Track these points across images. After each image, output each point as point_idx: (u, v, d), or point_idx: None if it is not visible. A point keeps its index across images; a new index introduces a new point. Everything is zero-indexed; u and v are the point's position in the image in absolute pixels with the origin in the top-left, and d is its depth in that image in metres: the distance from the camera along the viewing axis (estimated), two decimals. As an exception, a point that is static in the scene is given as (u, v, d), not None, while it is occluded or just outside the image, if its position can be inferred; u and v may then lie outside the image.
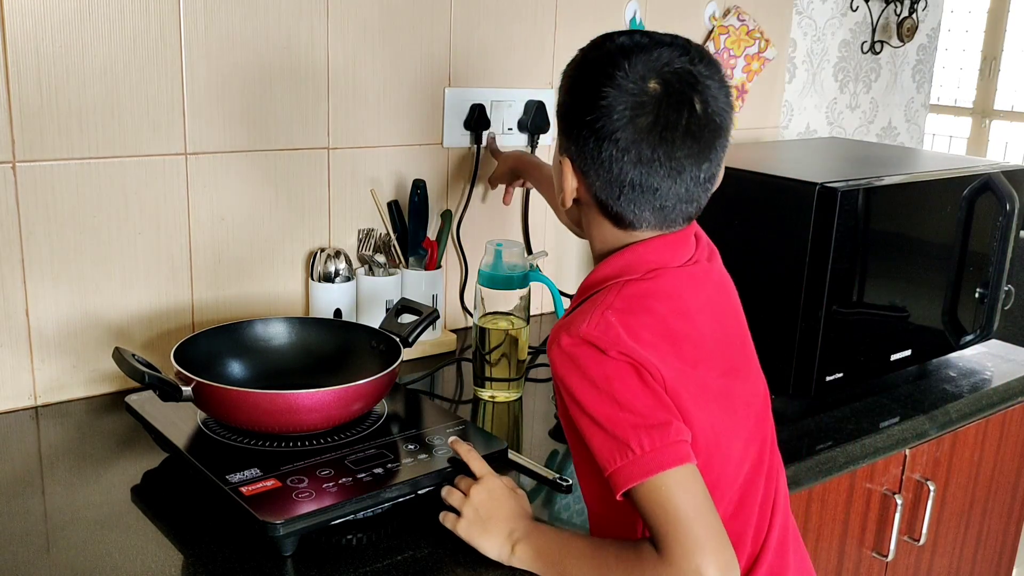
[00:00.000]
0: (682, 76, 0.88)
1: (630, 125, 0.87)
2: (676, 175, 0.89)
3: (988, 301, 1.56)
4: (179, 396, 1.05)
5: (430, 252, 1.51)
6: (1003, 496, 1.69)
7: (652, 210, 0.91)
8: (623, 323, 0.87)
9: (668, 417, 0.85)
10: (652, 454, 0.83)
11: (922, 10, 2.38)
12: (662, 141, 0.88)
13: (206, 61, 1.30)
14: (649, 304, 0.89)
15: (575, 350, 0.88)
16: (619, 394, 0.85)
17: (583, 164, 0.92)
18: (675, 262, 0.94)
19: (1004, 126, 5.26)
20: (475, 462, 1.03)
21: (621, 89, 0.88)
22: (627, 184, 0.89)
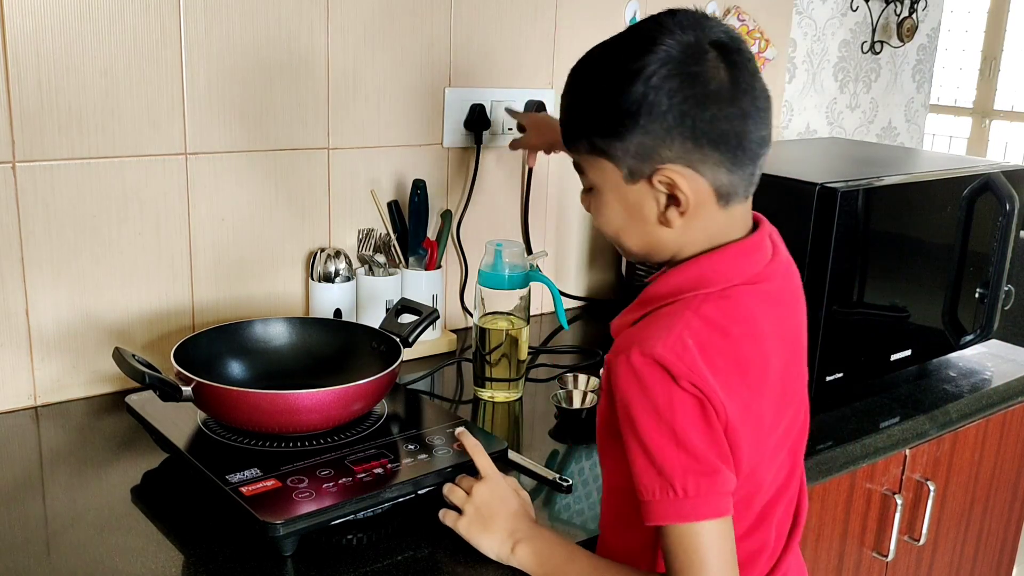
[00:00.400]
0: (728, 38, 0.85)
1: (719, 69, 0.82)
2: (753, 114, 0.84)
3: (988, 301, 1.56)
4: (179, 396, 1.05)
5: (430, 252, 1.51)
6: (1003, 496, 1.69)
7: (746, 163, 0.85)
8: (700, 348, 0.82)
9: (719, 464, 0.82)
10: (694, 500, 0.81)
11: (922, 10, 2.38)
12: (742, 72, 0.83)
13: (206, 61, 1.30)
14: (726, 327, 0.85)
15: (645, 370, 0.82)
16: (679, 429, 0.81)
17: (692, 153, 0.83)
18: (751, 270, 0.88)
19: (1004, 126, 5.26)
20: (480, 458, 1.03)
21: (678, 48, 0.82)
22: (731, 135, 0.83)
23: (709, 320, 0.84)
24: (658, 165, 0.84)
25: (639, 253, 0.92)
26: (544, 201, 1.75)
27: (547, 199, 1.75)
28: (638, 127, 0.82)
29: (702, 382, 0.81)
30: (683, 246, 0.89)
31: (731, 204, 0.87)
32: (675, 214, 0.86)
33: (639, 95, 0.81)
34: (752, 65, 0.85)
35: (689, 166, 0.84)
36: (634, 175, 0.86)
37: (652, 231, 0.88)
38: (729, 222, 0.89)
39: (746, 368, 0.86)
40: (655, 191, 0.86)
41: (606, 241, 1.89)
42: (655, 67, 0.81)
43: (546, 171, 1.73)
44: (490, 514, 0.98)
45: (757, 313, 0.88)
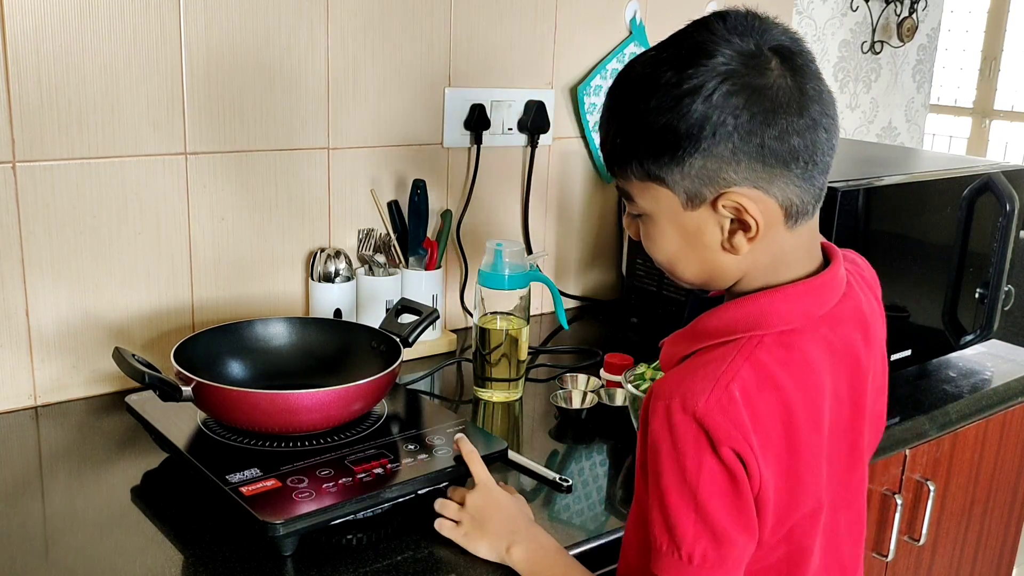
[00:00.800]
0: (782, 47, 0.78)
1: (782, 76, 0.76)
2: (822, 121, 0.77)
3: (988, 301, 1.56)
4: (179, 396, 1.05)
5: (430, 252, 1.51)
6: (1003, 496, 1.68)
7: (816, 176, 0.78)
8: (746, 400, 0.75)
9: (737, 536, 0.77)
10: (699, 570, 0.77)
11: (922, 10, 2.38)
12: (805, 77, 0.76)
13: (206, 61, 1.30)
14: (780, 380, 0.77)
15: (682, 428, 0.76)
16: (702, 497, 0.76)
17: (760, 173, 0.76)
18: (816, 312, 0.81)
19: (1004, 126, 5.26)
20: (475, 465, 1.03)
21: (738, 60, 0.75)
22: (801, 150, 0.76)
23: (762, 369, 0.77)
24: (723, 189, 0.76)
25: (696, 281, 0.84)
26: (544, 201, 1.75)
27: (547, 199, 1.75)
28: (699, 151, 0.75)
29: (742, 446, 0.75)
30: (747, 271, 0.81)
31: (799, 222, 0.80)
32: (742, 240, 0.78)
33: (700, 116, 0.74)
34: (815, 67, 0.79)
35: (757, 187, 0.76)
36: (694, 201, 0.78)
37: (713, 258, 0.81)
38: (795, 243, 0.81)
39: (794, 429, 0.78)
40: (718, 216, 0.78)
41: (606, 241, 1.90)
42: (715, 83, 0.74)
43: (546, 171, 1.74)
44: (485, 519, 0.98)
45: (818, 366, 0.80)
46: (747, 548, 0.79)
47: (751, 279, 0.82)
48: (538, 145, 1.68)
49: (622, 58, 1.77)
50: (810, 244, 0.84)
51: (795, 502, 0.80)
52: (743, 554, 0.79)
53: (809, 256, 0.84)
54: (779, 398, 0.77)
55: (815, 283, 0.81)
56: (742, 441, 0.75)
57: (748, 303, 0.80)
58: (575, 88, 1.73)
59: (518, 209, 1.72)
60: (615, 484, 1.18)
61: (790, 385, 0.78)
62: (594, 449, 1.25)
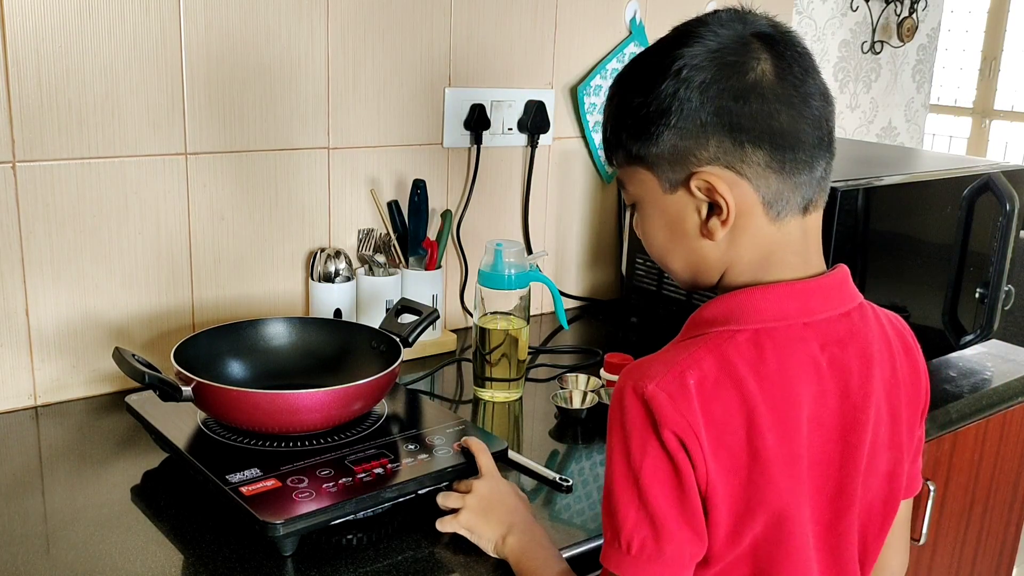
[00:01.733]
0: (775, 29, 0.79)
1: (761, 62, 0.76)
2: (805, 112, 0.76)
3: (988, 301, 1.56)
4: (179, 396, 1.05)
5: (430, 252, 1.51)
6: (1003, 496, 1.68)
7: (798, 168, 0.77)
8: (700, 392, 0.74)
9: (677, 529, 0.75)
10: (636, 560, 0.76)
11: (922, 10, 2.38)
12: (793, 67, 0.76)
13: (206, 61, 1.30)
14: (742, 379, 0.75)
15: (631, 407, 0.75)
16: (644, 482, 0.75)
17: (732, 153, 0.76)
18: (799, 317, 0.78)
19: (1004, 126, 5.26)
20: (483, 456, 1.04)
21: (716, 41, 0.76)
22: (777, 134, 0.75)
23: (725, 365, 0.75)
24: (694, 168, 0.77)
25: (685, 276, 0.84)
26: (544, 201, 1.75)
27: (547, 199, 1.75)
28: (670, 127, 0.76)
29: (687, 433, 0.73)
30: (730, 264, 0.80)
31: (784, 217, 0.78)
32: (717, 224, 0.78)
33: (670, 91, 0.75)
34: (806, 61, 0.78)
35: (730, 168, 0.76)
36: (672, 182, 0.78)
37: (695, 247, 0.80)
38: (783, 240, 0.79)
39: (756, 432, 0.75)
40: (695, 200, 0.78)
41: (606, 241, 1.90)
42: (686, 60, 0.75)
43: (546, 171, 1.74)
44: (488, 508, 0.98)
45: (794, 375, 0.76)
46: (690, 546, 0.76)
47: (736, 274, 0.80)
48: (538, 145, 1.68)
49: (622, 58, 1.77)
50: (804, 247, 0.81)
51: (753, 509, 0.77)
52: (684, 551, 0.76)
53: (804, 262, 0.81)
54: (740, 397, 0.75)
55: (800, 285, 0.79)
56: (687, 429, 0.73)
57: (729, 298, 0.79)
58: (575, 88, 1.73)
59: (518, 209, 1.72)
60: (615, 484, 1.18)
61: (754, 387, 0.75)
62: (594, 449, 1.25)
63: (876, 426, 0.82)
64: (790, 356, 0.77)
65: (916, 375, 0.88)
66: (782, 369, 0.76)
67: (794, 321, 0.78)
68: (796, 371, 0.77)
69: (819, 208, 0.81)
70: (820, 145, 0.78)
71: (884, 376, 0.83)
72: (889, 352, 0.85)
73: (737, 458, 0.75)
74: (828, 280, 0.81)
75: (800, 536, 0.79)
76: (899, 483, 0.87)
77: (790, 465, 0.77)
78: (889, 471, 0.85)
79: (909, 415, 0.87)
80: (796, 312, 0.78)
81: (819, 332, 0.79)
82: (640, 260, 1.70)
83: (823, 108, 0.78)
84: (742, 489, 0.76)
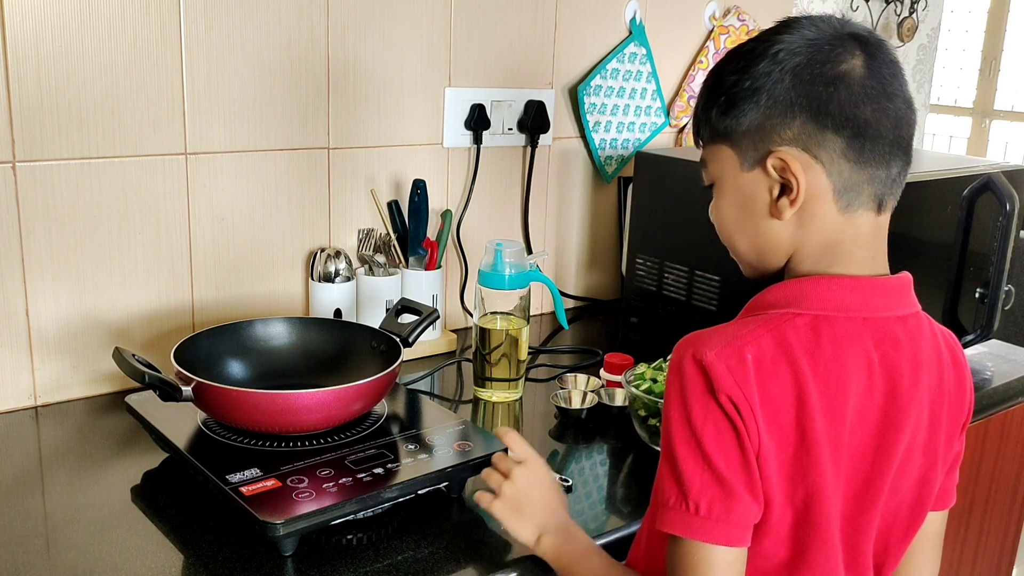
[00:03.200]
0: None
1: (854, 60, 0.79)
2: (889, 110, 0.79)
3: (988, 301, 1.56)
4: (179, 396, 1.05)
5: (430, 252, 1.51)
6: (1003, 496, 1.68)
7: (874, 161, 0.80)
8: (759, 368, 0.76)
9: (743, 492, 0.77)
10: (704, 521, 0.77)
11: (922, 10, 2.38)
12: (883, 69, 0.80)
13: (206, 61, 1.30)
14: (798, 360, 0.77)
15: (690, 374, 0.78)
16: (707, 446, 0.76)
17: (812, 135, 0.78)
18: (860, 311, 0.80)
19: (1004, 126, 5.26)
20: (518, 444, 1.01)
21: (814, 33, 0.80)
22: (858, 123, 0.78)
23: (783, 345, 0.77)
24: (773, 148, 0.80)
25: (751, 257, 0.87)
26: (544, 201, 1.75)
27: (547, 199, 1.75)
28: (759, 106, 0.80)
29: (743, 403, 0.75)
30: (796, 248, 0.83)
31: (853, 209, 0.81)
32: (786, 203, 0.80)
33: (764, 71, 0.79)
34: (895, 67, 0.81)
35: (807, 151, 0.79)
36: (751, 162, 0.82)
37: (763, 227, 0.83)
38: (852, 233, 0.82)
39: (807, 414, 0.77)
40: (769, 180, 0.81)
41: (606, 241, 1.90)
42: (784, 46, 0.79)
43: (546, 171, 1.74)
44: (527, 500, 0.97)
45: (847, 366, 0.79)
46: (751, 509, 0.78)
47: (800, 259, 0.83)
48: (538, 145, 1.68)
49: (622, 58, 1.77)
50: (872, 245, 0.84)
51: (796, 487, 0.79)
52: (748, 514, 0.78)
53: (871, 259, 0.84)
54: (794, 377, 0.77)
55: (864, 281, 0.82)
56: (743, 399, 0.75)
57: (793, 284, 0.82)
58: (575, 88, 1.73)
59: (518, 209, 1.72)
60: (615, 484, 1.18)
61: (808, 369, 0.77)
62: (594, 449, 1.25)
63: (915, 431, 0.84)
64: (845, 347, 0.79)
65: (962, 389, 0.89)
66: (836, 357, 0.78)
67: (854, 315, 0.80)
68: (849, 362, 0.79)
69: (890, 209, 0.85)
70: (898, 144, 0.81)
71: (931, 384, 0.85)
72: (939, 363, 0.86)
73: (786, 435, 0.77)
74: (892, 282, 0.84)
75: (831, 522, 0.81)
76: (930, 491, 0.88)
77: (832, 450, 0.79)
78: (921, 477, 0.87)
79: (949, 426, 0.88)
80: (857, 306, 0.81)
81: (876, 329, 0.81)
82: (640, 260, 1.70)
83: (905, 112, 0.81)
84: (788, 466, 0.78)
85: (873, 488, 0.83)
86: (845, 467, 0.81)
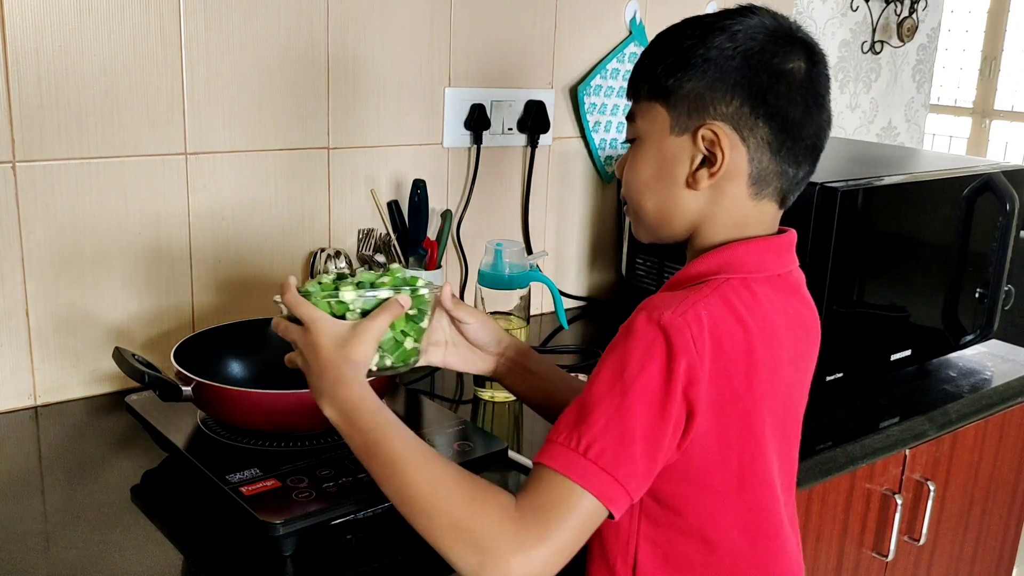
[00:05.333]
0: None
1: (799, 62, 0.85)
2: (816, 117, 0.86)
3: (988, 301, 1.56)
4: (179, 396, 1.05)
5: (430, 252, 1.51)
6: (1003, 496, 1.69)
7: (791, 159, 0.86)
8: (712, 325, 0.79)
9: (639, 451, 0.76)
10: (588, 464, 0.76)
11: (922, 10, 2.38)
12: (820, 79, 0.86)
13: (206, 61, 1.30)
14: (744, 317, 0.82)
15: (642, 332, 0.78)
16: (631, 397, 0.76)
17: (746, 119, 0.83)
18: (774, 270, 0.87)
19: (1004, 126, 5.26)
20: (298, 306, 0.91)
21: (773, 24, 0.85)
22: (787, 120, 0.84)
23: (728, 303, 0.81)
24: (708, 120, 0.83)
25: (652, 220, 0.90)
26: (544, 201, 1.75)
27: (547, 199, 1.75)
28: (706, 75, 0.83)
29: (698, 357, 0.77)
30: (702, 221, 0.87)
31: (761, 197, 0.86)
32: (704, 174, 0.84)
33: (718, 46, 0.83)
34: (829, 83, 0.87)
35: (737, 131, 0.83)
36: (682, 126, 0.85)
37: (675, 193, 0.87)
38: (758, 218, 0.88)
39: (754, 365, 0.81)
40: (695, 148, 0.85)
41: (606, 241, 1.90)
42: (744, 29, 0.83)
43: (546, 171, 1.74)
44: (304, 364, 0.91)
45: (776, 320, 0.84)
46: (638, 478, 0.77)
47: (713, 232, 0.87)
48: (538, 145, 1.68)
49: (622, 58, 1.77)
50: (771, 226, 0.90)
51: (747, 440, 0.83)
52: (632, 477, 0.76)
53: (769, 231, 0.90)
54: (743, 332, 0.81)
55: (773, 240, 0.88)
56: (696, 358, 0.77)
57: (717, 254, 0.86)
58: (575, 88, 1.73)
59: (518, 209, 1.72)
60: (615, 484, 1.18)
61: (752, 324, 0.82)
62: (594, 449, 1.25)
63: (807, 373, 0.92)
64: (773, 302, 0.85)
65: (818, 329, 0.95)
66: (769, 312, 0.84)
67: (771, 272, 0.87)
68: (778, 316, 0.85)
69: (786, 206, 0.91)
70: (812, 151, 0.87)
71: (816, 331, 0.93)
72: (813, 307, 0.94)
73: (736, 390, 0.81)
74: (789, 239, 0.90)
75: (771, 469, 0.87)
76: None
77: (771, 400, 0.84)
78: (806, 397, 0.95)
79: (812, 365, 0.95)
80: (771, 264, 0.87)
81: (787, 284, 0.89)
82: (640, 260, 1.70)
83: (826, 125, 0.87)
84: (736, 419, 0.82)
85: (792, 431, 0.91)
86: (778, 415, 0.86)
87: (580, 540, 0.77)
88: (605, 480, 0.76)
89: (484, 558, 0.76)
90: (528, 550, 0.75)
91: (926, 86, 2.54)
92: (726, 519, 0.87)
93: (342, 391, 0.87)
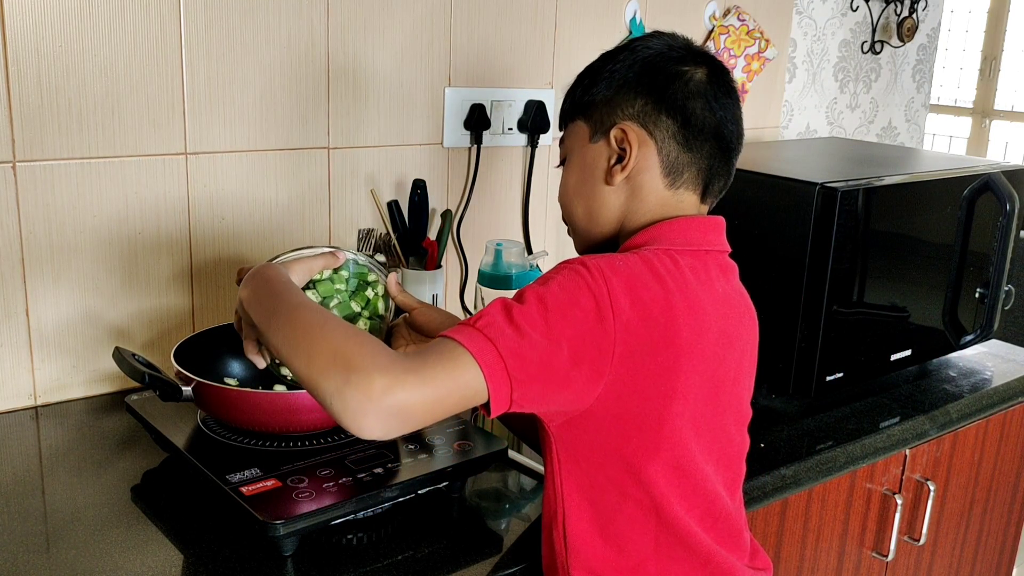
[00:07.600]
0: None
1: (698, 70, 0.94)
2: (723, 108, 0.93)
3: (988, 301, 1.56)
4: (179, 396, 1.05)
5: (430, 252, 1.51)
6: (1003, 496, 1.69)
7: (699, 149, 0.93)
8: (630, 279, 0.83)
9: (532, 351, 0.78)
10: (478, 333, 0.78)
11: (922, 10, 2.38)
12: (720, 85, 0.94)
13: (206, 60, 1.30)
14: (663, 276, 0.85)
15: (568, 266, 0.83)
16: (550, 314, 0.79)
17: (650, 115, 0.92)
18: (698, 243, 0.91)
19: (1004, 126, 5.26)
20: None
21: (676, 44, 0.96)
22: (688, 114, 0.92)
23: (648, 263, 0.86)
24: (617, 120, 0.93)
25: (583, 223, 0.98)
26: (544, 201, 1.75)
27: (547, 199, 1.75)
28: (612, 84, 0.93)
29: (614, 289, 0.81)
30: (626, 216, 0.94)
31: (678, 186, 0.93)
32: (619, 170, 0.92)
33: (621, 60, 0.94)
34: (733, 93, 0.95)
35: (644, 127, 0.92)
36: (598, 133, 0.94)
37: (597, 192, 0.95)
38: (678, 207, 0.94)
39: (673, 317, 0.84)
40: (610, 149, 0.93)
41: (606, 241, 1.89)
42: (643, 44, 0.95)
43: (546, 171, 1.74)
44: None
45: (699, 292, 0.88)
46: (529, 361, 0.78)
47: (632, 226, 0.93)
48: (538, 145, 1.68)
49: (622, 58, 1.77)
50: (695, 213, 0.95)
51: (663, 386, 0.85)
52: (518, 356, 0.78)
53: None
54: (662, 289, 0.84)
55: (697, 219, 0.94)
56: (614, 285, 0.81)
57: (645, 232, 0.92)
58: (575, 88, 1.73)
59: (518, 209, 1.72)
60: (615, 484, 1.18)
61: (672, 285, 0.85)
62: (594, 449, 1.25)
63: (744, 350, 0.95)
64: (699, 272, 0.89)
65: (754, 316, 0.98)
66: (694, 281, 0.88)
67: (697, 248, 0.91)
68: (702, 284, 0.89)
69: (711, 200, 0.97)
70: (718, 145, 0.93)
71: (751, 311, 0.97)
72: (745, 294, 0.97)
73: (655, 341, 0.83)
74: (715, 220, 0.95)
75: (684, 418, 0.88)
76: (749, 408, 0.99)
77: (693, 358, 0.86)
78: (748, 395, 0.98)
79: (755, 350, 0.99)
80: (698, 240, 0.92)
81: (717, 263, 0.93)
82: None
83: (731, 127, 0.94)
84: (654, 370, 0.84)
85: (727, 408, 0.93)
86: (700, 374, 0.88)
87: (450, 392, 0.77)
88: (485, 345, 0.77)
89: (350, 374, 0.76)
90: (397, 374, 0.75)
91: (926, 86, 2.54)
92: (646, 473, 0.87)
93: (260, 273, 0.95)
